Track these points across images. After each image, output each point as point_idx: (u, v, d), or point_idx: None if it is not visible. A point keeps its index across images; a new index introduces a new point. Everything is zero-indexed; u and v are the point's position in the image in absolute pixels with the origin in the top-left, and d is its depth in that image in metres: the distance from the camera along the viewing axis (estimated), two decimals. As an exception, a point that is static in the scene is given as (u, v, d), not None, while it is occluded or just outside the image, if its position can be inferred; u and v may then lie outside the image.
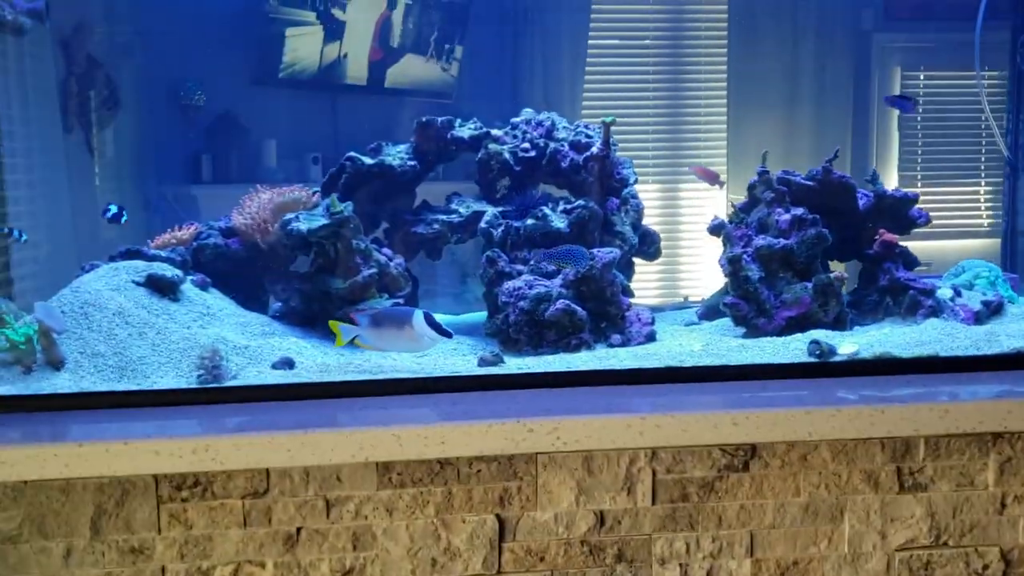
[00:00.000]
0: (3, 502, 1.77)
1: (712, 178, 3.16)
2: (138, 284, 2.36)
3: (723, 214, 2.75)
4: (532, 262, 2.49)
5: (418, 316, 2.14)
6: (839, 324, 2.49)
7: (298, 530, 1.84)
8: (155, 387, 2.06)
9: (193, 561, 1.82)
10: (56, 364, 2.11)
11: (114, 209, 2.60)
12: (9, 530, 1.77)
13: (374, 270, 2.48)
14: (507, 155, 2.69)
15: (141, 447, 1.73)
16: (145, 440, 1.74)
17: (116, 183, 3.52)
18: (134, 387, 2.05)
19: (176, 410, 1.95)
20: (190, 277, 2.50)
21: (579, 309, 2.39)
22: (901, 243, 2.66)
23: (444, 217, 2.69)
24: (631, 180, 2.73)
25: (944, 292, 2.55)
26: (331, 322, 2.25)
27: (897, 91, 3.85)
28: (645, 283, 3.63)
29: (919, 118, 3.82)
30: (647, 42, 3.95)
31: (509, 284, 2.44)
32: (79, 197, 3.26)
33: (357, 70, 3.64)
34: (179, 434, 1.77)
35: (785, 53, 3.84)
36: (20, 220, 2.68)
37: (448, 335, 2.16)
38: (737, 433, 1.86)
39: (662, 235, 2.84)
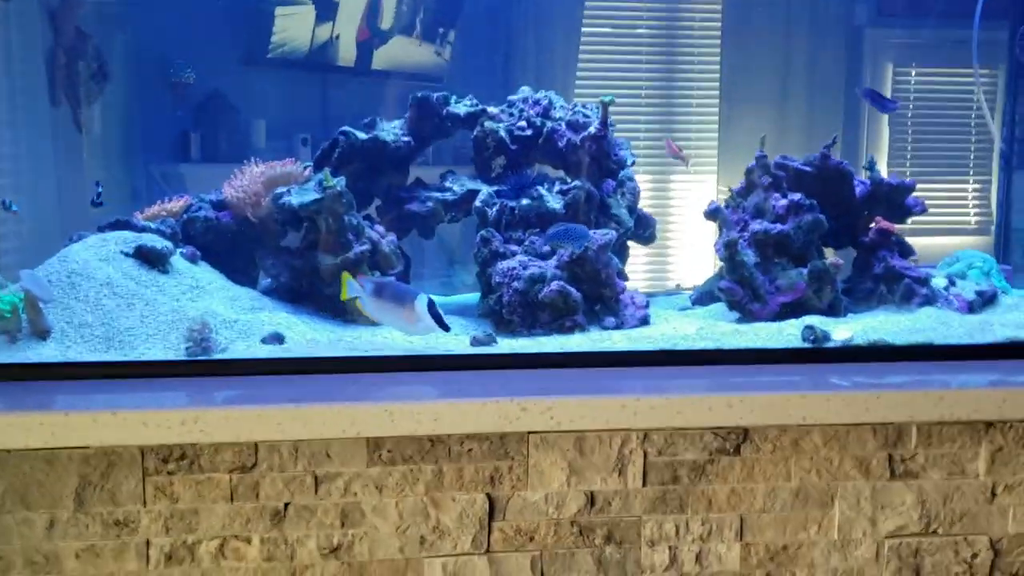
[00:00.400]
0: (-15, 471, 1.74)
1: (678, 155, 3.12)
2: (127, 255, 2.33)
3: (718, 201, 2.73)
4: (527, 242, 2.47)
5: (422, 299, 2.10)
6: (833, 311, 2.49)
7: (286, 505, 1.82)
8: (143, 359, 2.03)
9: (178, 535, 1.80)
10: (42, 333, 2.08)
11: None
12: (-9, 500, 1.75)
13: (366, 247, 2.45)
14: (503, 133, 2.66)
15: (129, 417, 1.70)
16: (133, 411, 1.71)
17: (103, 158, 3.48)
18: (121, 358, 2.02)
19: (164, 382, 1.93)
20: (180, 249, 2.47)
21: (573, 291, 2.38)
22: (899, 232, 2.67)
23: (438, 195, 2.66)
24: (628, 162, 2.71)
25: (939, 281, 2.55)
26: (344, 272, 2.24)
27: (889, 87, 3.86)
28: (637, 270, 3.63)
29: (910, 114, 3.83)
30: (641, 31, 3.94)
31: (503, 264, 2.42)
32: (65, 170, 3.22)
33: (348, 52, 3.61)
34: (167, 405, 1.74)
35: (778, 46, 3.84)
36: (5, 192, 2.64)
37: (446, 328, 2.11)
38: (729, 416, 1.85)
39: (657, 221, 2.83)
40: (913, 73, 3.87)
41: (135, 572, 1.79)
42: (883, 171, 3.82)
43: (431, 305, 2.09)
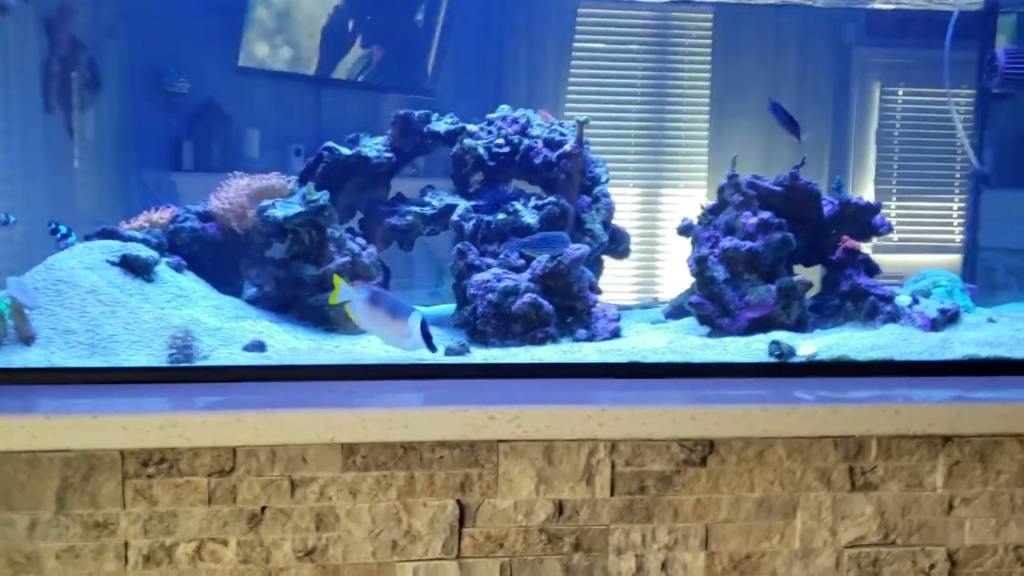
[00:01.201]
0: (-30, 472, 1.79)
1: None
2: (112, 264, 2.38)
3: (691, 218, 2.79)
4: (502, 255, 2.53)
5: (416, 317, 2.14)
6: (800, 326, 2.55)
7: (263, 509, 1.87)
8: (125, 365, 2.08)
9: (157, 537, 1.84)
10: (27, 339, 2.13)
11: (63, 230, 2.59)
12: (-26, 501, 1.79)
13: (347, 258, 2.51)
14: (481, 150, 2.73)
15: (109, 422, 1.75)
16: (113, 415, 1.76)
17: (96, 166, 3.52)
18: (104, 364, 2.07)
19: (145, 388, 1.97)
20: (165, 259, 2.52)
21: (546, 303, 2.43)
22: (874, 253, 2.72)
23: (417, 209, 2.72)
24: (603, 179, 2.77)
25: (903, 299, 2.61)
26: (336, 275, 2.28)
27: (876, 105, 3.92)
28: (622, 283, 3.69)
29: (896, 133, 3.89)
30: (633, 46, 4.01)
31: (478, 277, 2.48)
32: (57, 178, 3.26)
33: (343, 64, 3.67)
34: (147, 410, 1.79)
35: (767, 64, 3.90)
36: (-1, 200, 2.69)
37: (432, 350, 2.15)
38: (695, 428, 1.91)
39: (641, 237, 2.89)
40: (900, 92, 3.94)
41: (114, 573, 1.84)
42: (869, 188, 3.90)
43: (424, 324, 2.13)
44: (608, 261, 2.87)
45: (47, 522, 1.82)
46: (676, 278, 3.57)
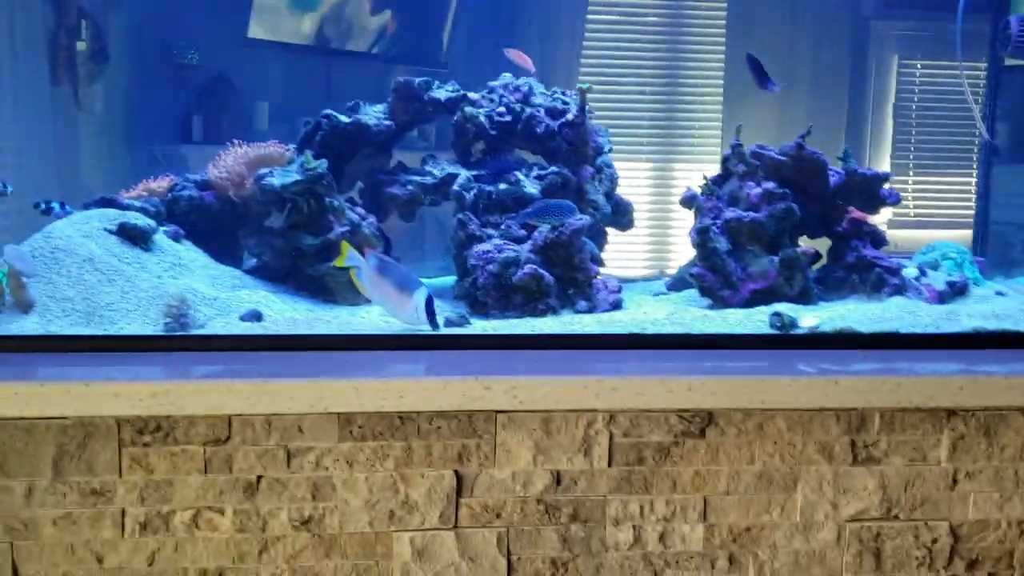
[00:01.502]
0: (-35, 440, 1.79)
1: (527, 64, 3.07)
2: (110, 232, 2.37)
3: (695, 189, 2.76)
4: (503, 226, 2.50)
5: (422, 292, 2.11)
6: (804, 298, 2.52)
7: (258, 478, 1.86)
8: (121, 333, 2.07)
9: (153, 505, 1.84)
10: (24, 307, 2.12)
11: (56, 207, 2.57)
12: (-30, 468, 1.79)
13: (347, 228, 2.49)
14: (482, 119, 2.69)
15: (103, 389, 1.74)
16: (107, 382, 1.75)
17: (104, 138, 3.51)
18: (100, 332, 2.07)
19: (141, 356, 1.97)
20: (163, 228, 2.51)
21: (546, 274, 2.41)
22: (888, 229, 2.69)
23: (418, 178, 2.70)
24: (606, 148, 2.74)
25: (910, 271, 2.58)
26: (344, 241, 2.27)
27: (893, 79, 3.87)
28: (631, 256, 3.67)
29: (914, 107, 3.84)
30: (649, 19, 3.96)
31: (479, 248, 2.46)
32: (64, 150, 3.25)
33: (353, 35, 3.63)
34: (141, 378, 1.78)
35: (783, 36, 3.85)
36: (5, 171, 2.67)
37: (435, 327, 2.13)
38: (693, 399, 1.89)
39: (650, 210, 2.86)
40: (918, 65, 3.88)
41: (111, 540, 1.84)
42: (886, 162, 3.86)
43: (429, 300, 2.11)
44: (620, 238, 2.83)
45: (44, 489, 1.82)
46: (680, 250, 3.55)
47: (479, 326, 2.28)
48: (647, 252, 3.83)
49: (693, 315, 2.40)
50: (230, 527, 1.86)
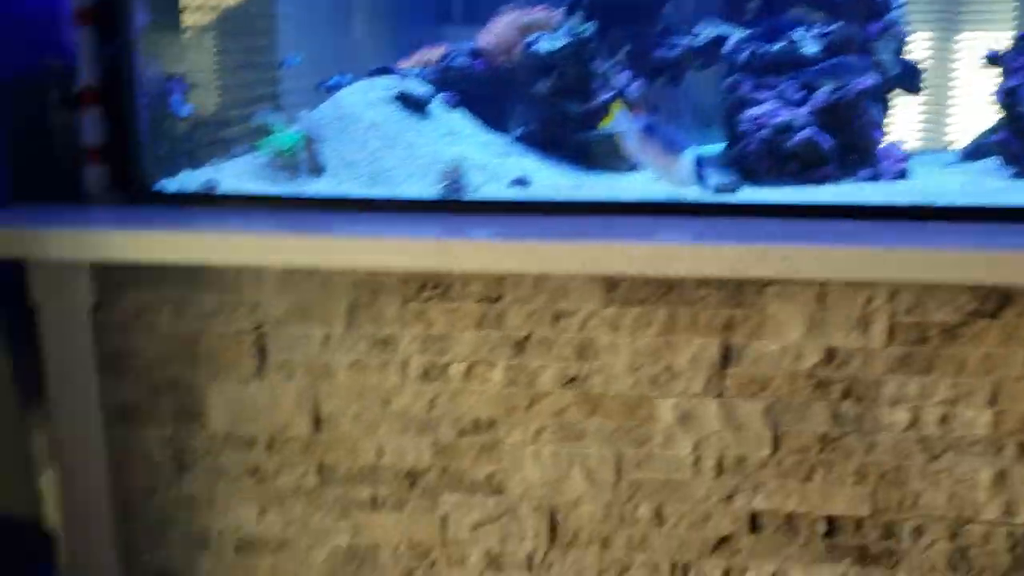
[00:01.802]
0: (274, 288, 1.99)
1: None
2: (391, 100, 2.49)
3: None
4: (778, 89, 2.36)
5: (691, 153, 2.04)
6: None
7: (527, 336, 1.93)
8: (403, 196, 2.19)
9: (432, 356, 1.97)
10: (317, 170, 2.30)
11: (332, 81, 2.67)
12: (277, 315, 2.00)
13: (613, 93, 2.45)
14: (758, -28, 2.53)
15: (389, 245, 1.86)
16: (393, 238, 1.87)
17: (370, 15, 3.62)
18: (385, 194, 2.20)
19: (422, 216, 2.07)
20: (440, 95, 2.59)
21: (824, 140, 2.27)
22: None
23: (686, 41, 2.59)
24: (896, 2, 2.49)
25: None
26: (615, 103, 2.25)
27: None
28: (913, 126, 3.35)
29: None
30: None
31: (751, 111, 2.34)
32: (337, 26, 3.39)
33: None
34: (424, 236, 1.88)
35: None
36: (287, 48, 2.83)
37: (705, 188, 2.06)
38: (988, 275, 1.73)
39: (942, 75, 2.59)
40: None
41: (396, 385, 2.00)
42: None
43: (700, 160, 2.03)
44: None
45: (339, 337, 1.99)
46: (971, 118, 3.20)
47: (750, 193, 2.19)
48: (934, 120, 3.49)
49: (992, 186, 2.18)
50: (501, 379, 1.96)
